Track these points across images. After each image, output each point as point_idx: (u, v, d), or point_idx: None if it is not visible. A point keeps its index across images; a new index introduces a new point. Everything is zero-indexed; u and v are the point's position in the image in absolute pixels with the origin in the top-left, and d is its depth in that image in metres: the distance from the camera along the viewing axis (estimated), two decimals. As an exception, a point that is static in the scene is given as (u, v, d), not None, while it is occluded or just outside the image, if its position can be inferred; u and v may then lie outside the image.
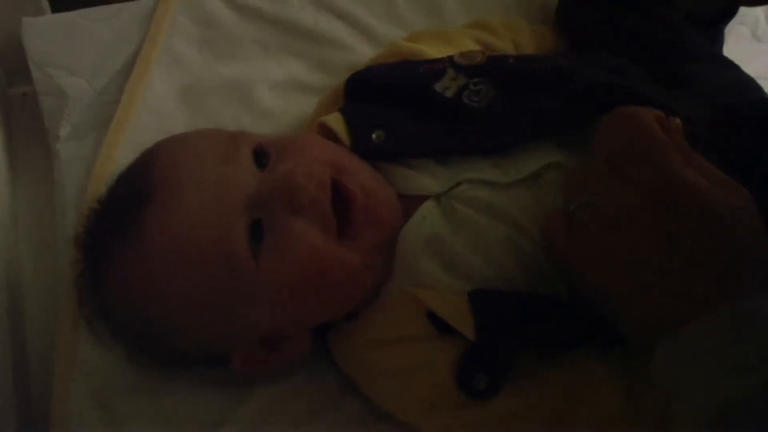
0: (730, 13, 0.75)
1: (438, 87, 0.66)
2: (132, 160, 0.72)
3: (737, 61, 0.72)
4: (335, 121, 0.67)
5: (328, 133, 0.67)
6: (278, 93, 0.79)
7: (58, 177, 0.75)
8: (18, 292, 0.75)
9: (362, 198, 0.59)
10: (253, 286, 0.58)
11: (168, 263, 0.58)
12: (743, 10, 0.80)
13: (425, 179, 0.63)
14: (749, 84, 0.69)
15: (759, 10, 0.94)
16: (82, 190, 0.73)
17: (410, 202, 0.62)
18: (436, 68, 0.67)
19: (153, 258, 0.59)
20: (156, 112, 0.77)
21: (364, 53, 0.81)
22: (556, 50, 0.79)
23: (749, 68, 0.71)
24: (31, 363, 0.71)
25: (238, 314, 0.60)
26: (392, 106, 0.67)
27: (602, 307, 0.52)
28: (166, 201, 0.59)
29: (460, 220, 0.60)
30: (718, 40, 0.77)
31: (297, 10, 0.82)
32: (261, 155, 0.61)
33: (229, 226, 0.58)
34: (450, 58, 0.68)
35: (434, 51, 0.72)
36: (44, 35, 0.80)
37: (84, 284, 0.66)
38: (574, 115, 0.61)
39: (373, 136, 0.65)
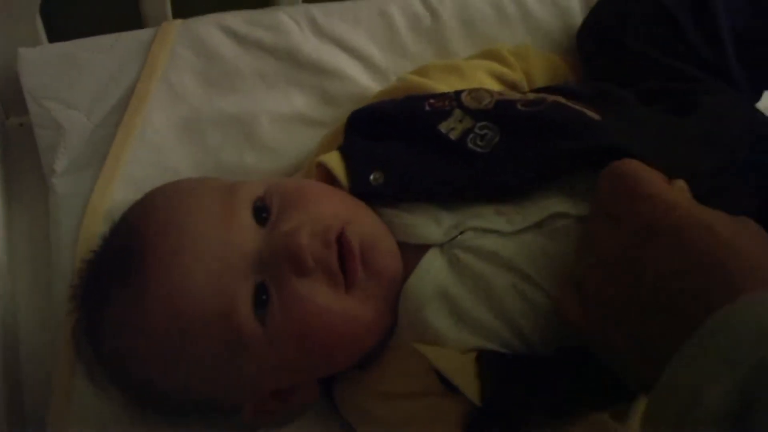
0: None
1: (443, 127, 0.64)
2: (131, 195, 0.71)
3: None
4: (333, 162, 0.65)
5: (326, 174, 0.65)
6: (280, 126, 0.78)
7: (54, 212, 0.74)
8: (13, 327, 0.73)
9: (360, 251, 0.58)
10: (262, 350, 0.57)
11: (168, 333, 0.57)
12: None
13: (427, 227, 0.61)
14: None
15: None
16: (78, 225, 0.71)
17: (411, 251, 0.60)
18: (443, 107, 0.66)
19: (151, 327, 0.57)
20: (154, 147, 0.76)
21: (367, 85, 0.80)
22: (569, 81, 0.77)
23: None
24: (27, 405, 0.70)
25: (246, 376, 0.59)
26: (393, 142, 0.65)
27: (613, 364, 0.51)
28: (162, 266, 0.57)
29: (465, 271, 0.59)
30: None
31: (299, 42, 0.80)
32: (261, 209, 0.60)
33: (232, 294, 0.56)
34: (458, 97, 0.66)
35: (445, 86, 0.71)
36: (40, 66, 0.78)
37: (80, 337, 0.64)
38: (577, 166, 0.60)
39: (371, 177, 0.63)
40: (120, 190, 0.73)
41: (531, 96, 0.67)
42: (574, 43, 0.83)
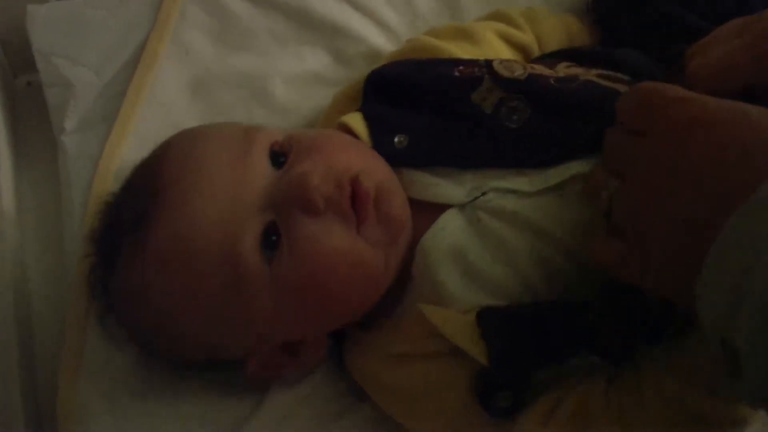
0: None
1: (475, 98, 0.62)
2: (141, 155, 0.71)
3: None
4: (355, 122, 0.64)
5: (347, 134, 0.65)
6: (292, 86, 0.77)
7: (63, 171, 0.73)
8: (24, 287, 0.73)
9: (375, 196, 0.57)
10: (266, 292, 0.56)
11: (175, 270, 0.57)
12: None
13: (448, 187, 0.60)
14: None
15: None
16: (88, 184, 0.71)
17: (430, 211, 0.59)
18: (473, 74, 0.64)
19: (160, 264, 0.57)
20: (164, 106, 0.75)
21: (380, 45, 0.79)
22: (586, 45, 0.76)
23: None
24: (39, 361, 0.70)
25: (253, 322, 0.58)
26: (416, 108, 0.64)
27: (650, 287, 0.50)
28: (175, 204, 0.57)
29: (484, 230, 0.58)
30: None
31: (312, 1, 0.79)
32: (278, 154, 0.59)
33: (239, 232, 0.56)
34: (488, 65, 0.64)
35: (456, 48, 0.70)
36: (49, 24, 0.77)
37: (95, 281, 0.64)
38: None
39: (396, 140, 0.62)
40: (130, 148, 0.72)
41: (562, 72, 0.66)
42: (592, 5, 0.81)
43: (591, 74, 0.65)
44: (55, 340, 0.68)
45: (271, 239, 0.56)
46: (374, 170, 0.60)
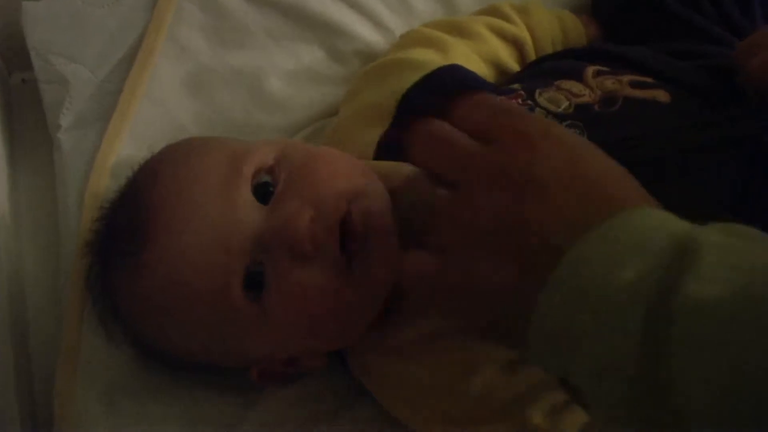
0: None
1: None
2: (136, 151, 0.71)
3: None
4: None
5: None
6: (287, 82, 0.77)
7: (59, 168, 0.73)
8: (20, 284, 0.73)
9: (364, 229, 0.56)
10: (258, 328, 0.57)
11: (166, 305, 0.58)
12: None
13: None
14: None
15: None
16: (84, 181, 0.71)
17: None
18: (521, 105, 0.64)
19: (151, 299, 0.58)
20: (160, 103, 0.75)
21: (375, 43, 0.79)
22: (589, 40, 0.77)
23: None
24: (35, 361, 0.70)
25: (248, 349, 0.59)
26: None
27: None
28: (163, 242, 0.57)
29: None
30: None
31: (307, -1, 0.79)
32: (266, 185, 0.58)
33: (225, 275, 0.56)
34: (532, 97, 0.65)
35: (452, 39, 0.71)
36: (45, 21, 0.77)
37: (92, 284, 0.64)
38: None
39: None
40: (126, 145, 0.73)
41: (598, 92, 0.66)
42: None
43: (624, 83, 0.66)
44: (51, 339, 0.68)
45: (257, 280, 0.56)
46: (367, 193, 0.58)
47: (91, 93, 0.75)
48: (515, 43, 0.76)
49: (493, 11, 0.77)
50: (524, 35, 0.76)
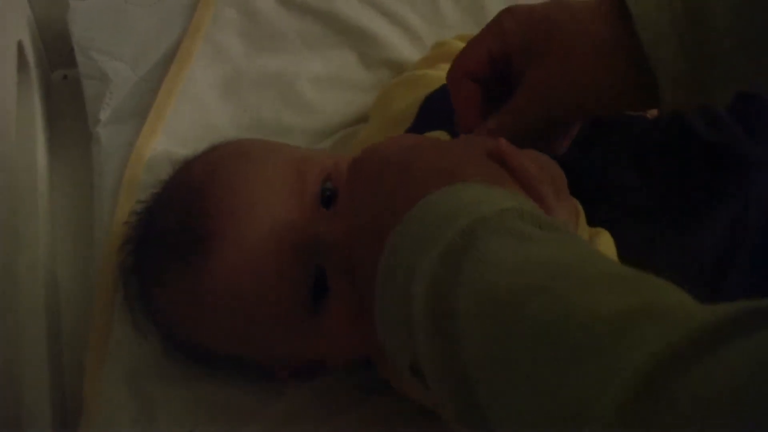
0: None
1: None
2: (171, 147, 0.73)
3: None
4: None
5: None
6: (318, 87, 0.79)
7: (97, 161, 0.76)
8: (54, 273, 0.75)
9: None
10: (317, 334, 0.58)
11: (222, 311, 0.58)
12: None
13: None
14: None
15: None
16: (120, 174, 0.73)
17: None
18: None
19: (206, 305, 0.58)
20: (196, 102, 0.78)
21: (405, 52, 0.81)
22: None
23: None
24: (66, 347, 0.72)
25: (290, 352, 0.60)
26: None
27: None
28: (227, 249, 0.56)
29: None
30: None
31: (341, 6, 0.81)
32: (328, 190, 0.58)
33: (292, 282, 0.56)
34: None
35: None
36: (90, 19, 0.80)
37: (126, 278, 0.66)
38: None
39: None
40: (162, 141, 0.75)
41: None
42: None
43: None
44: (82, 325, 0.70)
45: (320, 287, 0.56)
46: None
47: (130, 89, 0.78)
48: None
49: None
50: None
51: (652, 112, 0.65)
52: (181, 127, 0.76)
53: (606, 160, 0.63)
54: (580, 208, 0.53)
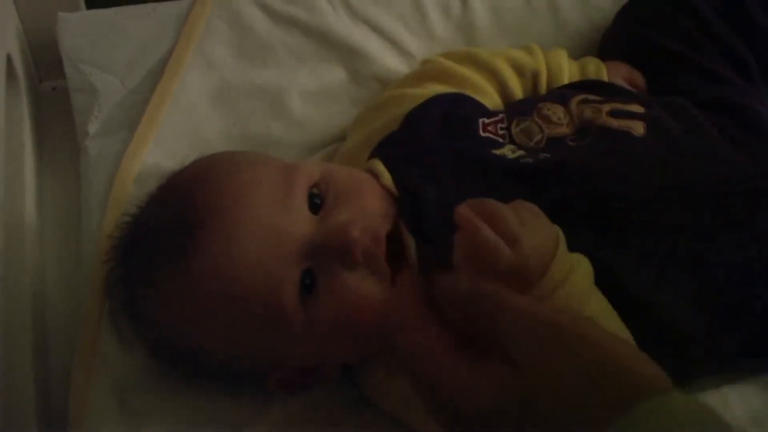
0: None
1: (497, 152, 0.66)
2: (161, 160, 0.73)
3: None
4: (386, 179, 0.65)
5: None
6: (308, 101, 0.80)
7: (85, 173, 0.75)
8: (41, 285, 0.75)
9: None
10: (300, 333, 0.58)
11: (213, 308, 0.58)
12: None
13: None
14: None
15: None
16: (108, 187, 0.73)
17: None
18: (496, 136, 0.67)
19: (197, 301, 0.58)
20: (186, 113, 0.78)
21: (395, 67, 0.82)
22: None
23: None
24: (53, 359, 0.71)
25: (280, 354, 0.60)
26: (438, 155, 0.66)
27: None
28: (217, 243, 0.57)
29: None
30: None
31: (331, 21, 0.82)
32: (315, 196, 0.60)
33: (280, 278, 0.57)
34: (509, 128, 0.68)
35: (469, 72, 0.73)
36: (79, 31, 0.80)
37: (114, 286, 0.65)
38: None
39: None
40: (151, 154, 0.75)
41: (576, 121, 0.69)
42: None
43: (603, 112, 0.68)
44: (69, 338, 0.70)
45: (306, 284, 0.58)
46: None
47: (119, 102, 0.77)
48: (532, 78, 0.78)
49: (524, 47, 0.79)
50: (542, 72, 0.77)
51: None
52: (172, 139, 0.76)
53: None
54: (561, 234, 0.54)
